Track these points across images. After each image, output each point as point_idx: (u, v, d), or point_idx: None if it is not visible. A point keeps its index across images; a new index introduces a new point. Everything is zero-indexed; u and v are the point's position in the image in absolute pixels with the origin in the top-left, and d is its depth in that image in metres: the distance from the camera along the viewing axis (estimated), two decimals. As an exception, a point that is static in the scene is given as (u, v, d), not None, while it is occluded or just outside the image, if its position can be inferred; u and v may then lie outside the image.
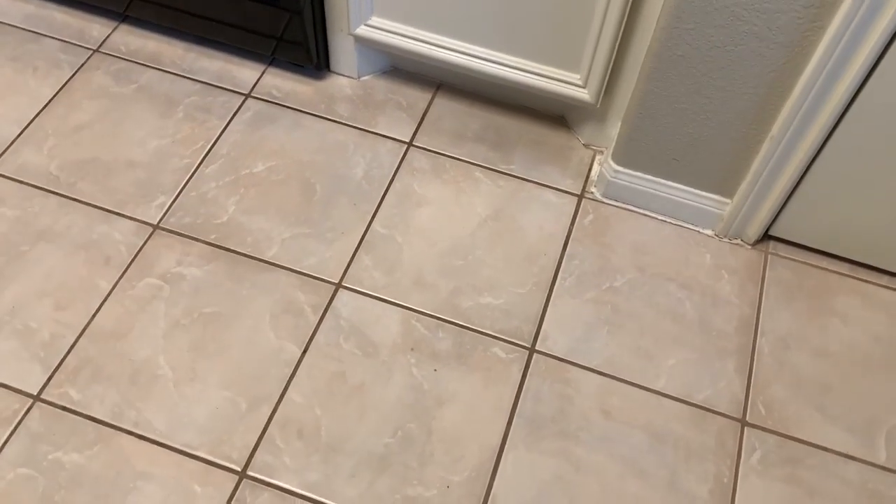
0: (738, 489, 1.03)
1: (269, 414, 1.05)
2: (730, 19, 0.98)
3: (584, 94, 1.25)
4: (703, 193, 1.23)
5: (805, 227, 1.21)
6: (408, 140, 1.35)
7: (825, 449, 1.07)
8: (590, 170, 1.34)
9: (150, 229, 1.21)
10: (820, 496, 1.03)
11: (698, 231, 1.27)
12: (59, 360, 1.08)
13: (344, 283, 1.17)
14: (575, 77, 1.24)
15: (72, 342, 1.09)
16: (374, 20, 1.29)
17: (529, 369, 1.12)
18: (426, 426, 1.05)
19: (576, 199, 1.31)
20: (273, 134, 1.34)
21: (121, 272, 1.17)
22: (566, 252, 1.24)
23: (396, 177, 1.30)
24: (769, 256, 1.25)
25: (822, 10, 0.93)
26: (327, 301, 1.15)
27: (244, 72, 1.42)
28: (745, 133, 1.11)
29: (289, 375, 1.08)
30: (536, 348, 1.14)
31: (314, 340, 1.12)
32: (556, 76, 1.26)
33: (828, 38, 0.94)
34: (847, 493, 1.04)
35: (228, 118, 1.35)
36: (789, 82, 1.02)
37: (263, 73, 1.42)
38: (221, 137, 1.33)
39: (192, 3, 1.35)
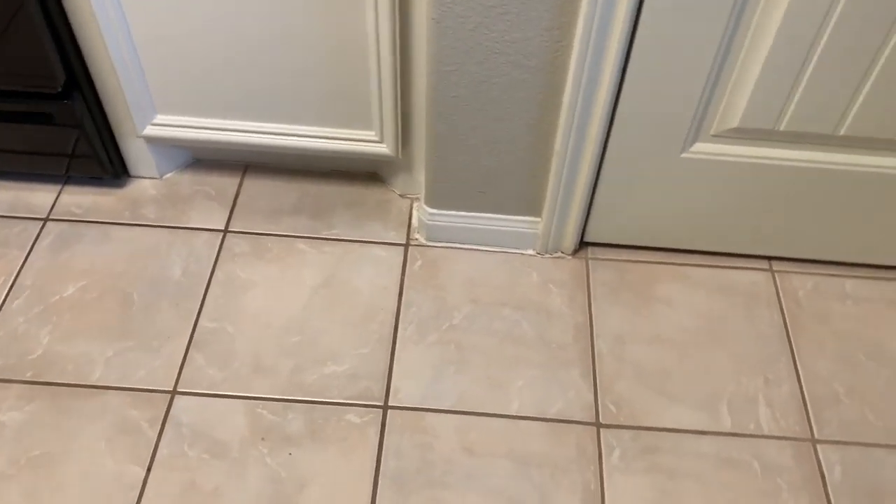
0: (605, 491, 1.06)
1: (121, 546, 0.99)
2: (486, 54, 1.03)
3: (383, 149, 1.28)
4: (515, 217, 1.27)
5: (614, 227, 1.28)
6: (223, 227, 1.33)
7: (676, 430, 1.12)
8: (410, 218, 1.37)
9: (-41, 382, 1.13)
10: (680, 477, 1.07)
11: (521, 253, 1.32)
12: None
13: (179, 389, 1.13)
14: (371, 134, 1.27)
15: None
16: (160, 118, 1.27)
17: (386, 428, 1.11)
18: (291, 513, 1.02)
19: (402, 248, 1.32)
20: (80, 252, 1.28)
21: (-69, 436, 1.07)
22: (402, 302, 1.25)
23: (217, 267, 1.27)
24: (590, 262, 1.31)
25: (562, 31, 1.00)
26: (164, 412, 1.10)
27: (39, 195, 1.36)
28: (533, 154, 1.16)
29: (136, 499, 1.02)
30: (389, 404, 1.13)
31: (157, 456, 1.06)
32: (353, 137, 1.28)
33: (575, 54, 1.01)
34: (704, 466, 1.08)
35: (28, 247, 1.28)
36: (556, 100, 1.08)
37: (60, 192, 1.37)
38: (24, 268, 1.26)
39: (-33, 138, 1.29)
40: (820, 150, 1.13)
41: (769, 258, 1.32)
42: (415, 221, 1.36)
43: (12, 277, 1.24)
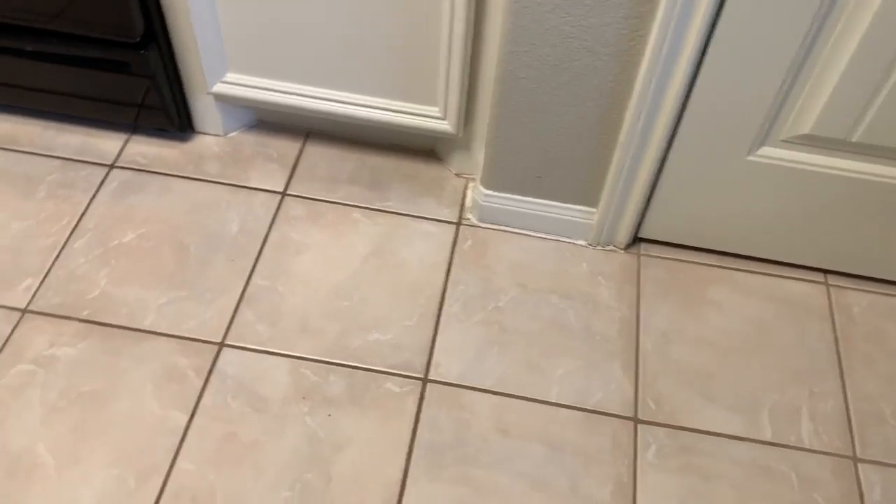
0: (637, 486, 1.06)
1: (159, 486, 1.01)
2: (561, 38, 1.03)
3: (445, 126, 1.29)
4: (570, 206, 1.27)
5: (670, 226, 1.27)
6: (281, 190, 1.35)
7: (714, 434, 1.11)
8: (464, 197, 1.37)
9: (19, 314, 1.16)
10: (714, 480, 1.07)
11: (572, 242, 1.31)
12: (-73, 465, 1.02)
13: (227, 342, 1.15)
14: (434, 110, 1.28)
15: (-61, 444, 1.03)
16: (230, 76, 1.29)
17: (424, 400, 1.12)
18: (325, 474, 1.04)
19: (453, 226, 1.33)
20: (141, 201, 1.31)
21: (-11, 363, 1.11)
22: (449, 279, 1.26)
23: (273, 227, 1.30)
24: (642, 258, 1.30)
25: (640, 20, 0.99)
26: (211, 362, 1.13)
27: (106, 143, 1.39)
28: (597, 143, 1.16)
29: (177, 444, 1.05)
30: (429, 378, 1.14)
31: (200, 404, 1.09)
32: (417, 112, 1.29)
33: (651, 44, 1.00)
34: (740, 472, 1.07)
35: (93, 191, 1.32)
36: (626, 90, 1.07)
37: (127, 141, 1.40)
38: (87, 211, 1.29)
39: (45, 81, 1.32)
40: (892, 166, 1.11)
41: (826, 271, 1.30)
42: (468, 201, 1.36)
43: (76, 219, 1.28)
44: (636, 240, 1.31)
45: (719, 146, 1.12)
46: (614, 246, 1.31)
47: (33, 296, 1.18)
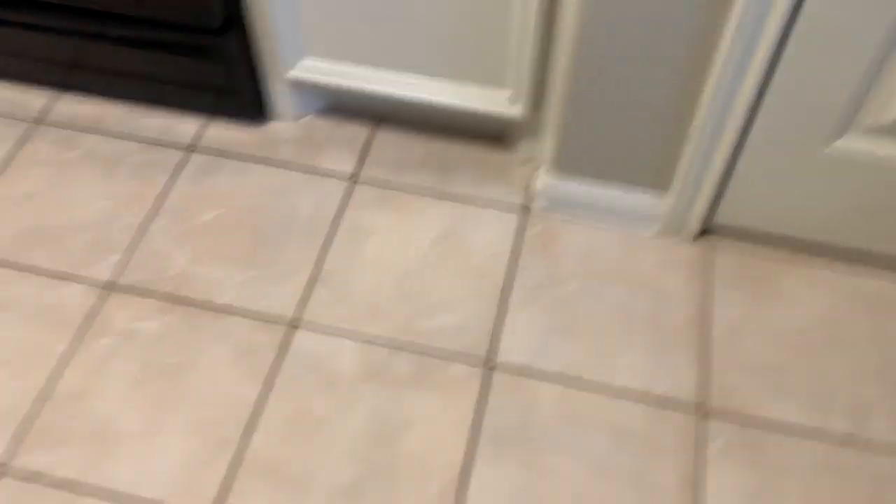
0: (703, 479, 1.05)
1: (233, 457, 1.06)
2: (639, 21, 1.01)
3: (515, 111, 1.29)
4: (640, 194, 1.26)
5: (743, 216, 1.25)
6: (352, 174, 1.38)
7: (785, 429, 1.09)
8: (532, 184, 1.37)
9: (104, 289, 1.22)
10: (783, 475, 1.05)
11: (641, 231, 1.30)
12: (20, 427, 1.08)
13: (300, 320, 1.19)
14: (505, 95, 1.28)
15: (32, 409, 1.10)
16: (306, 62, 1.32)
17: (489, 384, 1.13)
18: (392, 453, 1.06)
19: (521, 213, 1.33)
20: (219, 183, 1.36)
21: (77, 334, 1.17)
22: (516, 265, 1.27)
23: (344, 211, 1.32)
24: (713, 249, 1.28)
25: (722, 1, 0.97)
26: (285, 340, 1.16)
27: (186, 126, 1.44)
28: (670, 130, 1.14)
29: (251, 417, 1.09)
30: (495, 362, 1.15)
31: (274, 380, 1.13)
32: (487, 97, 1.29)
33: (732, 26, 0.98)
34: (810, 468, 1.06)
35: (173, 173, 1.37)
36: (704, 74, 1.06)
37: (205, 125, 1.45)
38: (168, 192, 1.34)
39: (130, 65, 1.38)
40: (982, 157, 1.06)
41: (906, 267, 1.26)
42: (536, 188, 1.36)
43: (157, 199, 1.33)
44: (707, 229, 1.30)
45: (799, 133, 1.09)
46: (684, 235, 1.29)
47: (118, 272, 1.24)
